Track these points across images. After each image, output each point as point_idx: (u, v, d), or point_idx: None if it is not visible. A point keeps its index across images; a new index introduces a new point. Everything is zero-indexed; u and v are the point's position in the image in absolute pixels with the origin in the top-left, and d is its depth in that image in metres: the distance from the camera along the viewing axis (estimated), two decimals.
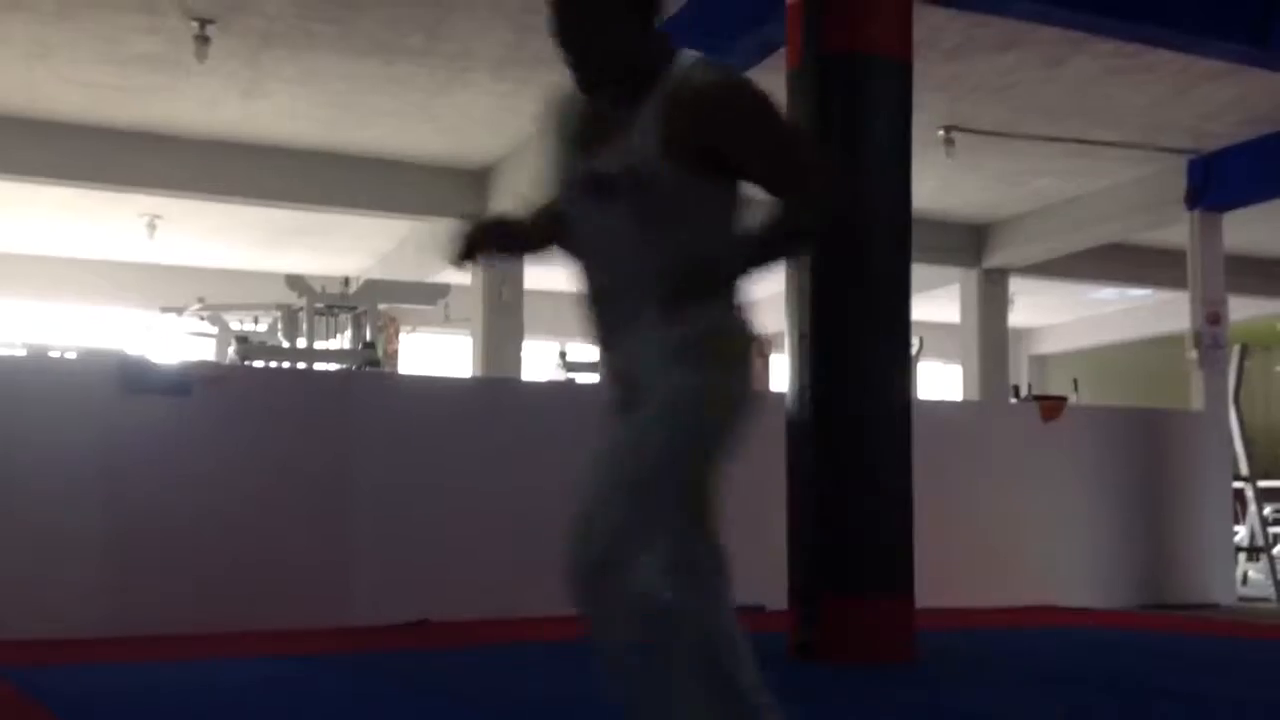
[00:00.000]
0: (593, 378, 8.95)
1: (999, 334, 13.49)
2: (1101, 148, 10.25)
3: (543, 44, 2.50)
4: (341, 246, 13.78)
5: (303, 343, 9.91)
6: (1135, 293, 15.85)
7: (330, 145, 10.56)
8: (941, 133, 9.72)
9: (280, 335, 10.41)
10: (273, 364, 9.24)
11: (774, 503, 5.22)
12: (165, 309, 12.20)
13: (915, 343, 7.16)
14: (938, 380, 16.89)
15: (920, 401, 6.45)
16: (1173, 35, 7.12)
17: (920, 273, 5.56)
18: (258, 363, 9.27)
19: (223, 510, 5.63)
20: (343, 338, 10.46)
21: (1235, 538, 9.09)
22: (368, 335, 10.17)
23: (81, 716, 3.65)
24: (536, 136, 2.40)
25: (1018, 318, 15.67)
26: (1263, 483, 9.64)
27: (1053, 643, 5.88)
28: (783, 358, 5.24)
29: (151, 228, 12.70)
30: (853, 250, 5.05)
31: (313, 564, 5.77)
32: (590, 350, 2.38)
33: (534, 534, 4.04)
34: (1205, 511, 8.19)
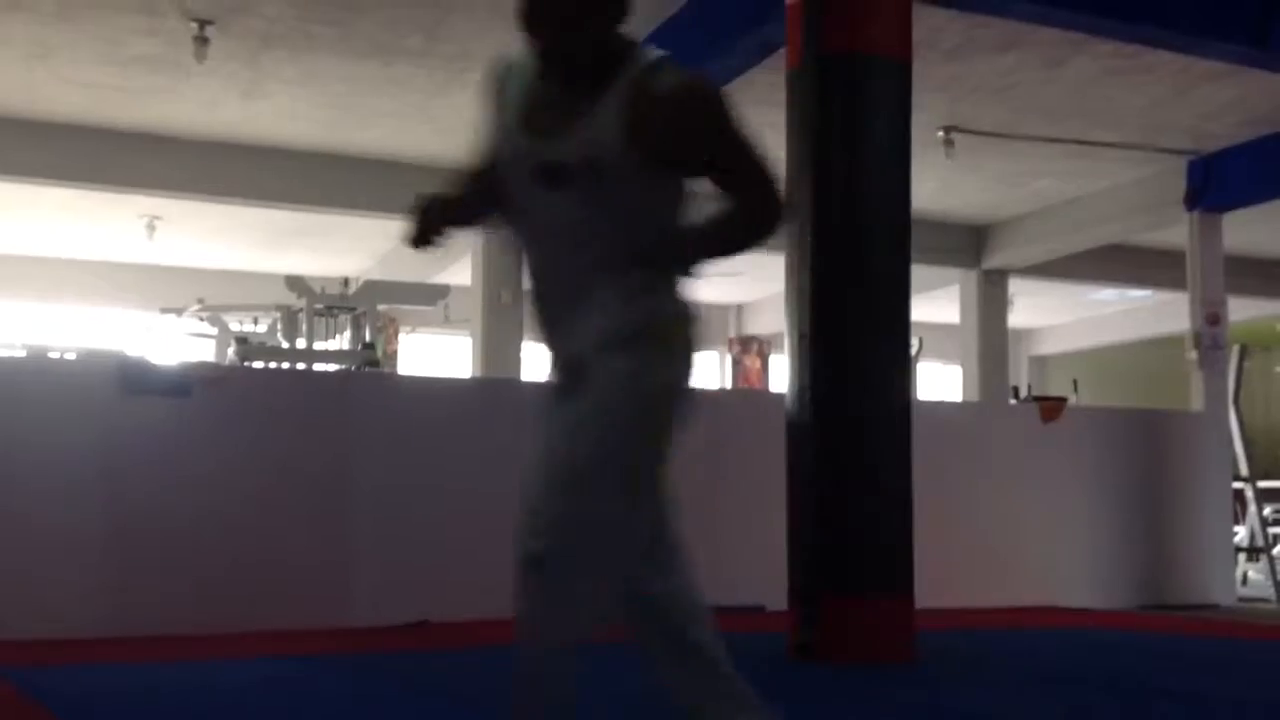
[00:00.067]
0: None
1: (999, 335, 13.49)
2: (1101, 149, 10.25)
3: None
4: (341, 247, 13.78)
5: (302, 343, 9.91)
6: (1135, 294, 15.85)
7: (330, 146, 10.56)
8: (941, 133, 9.72)
9: (280, 336, 10.40)
10: (272, 365, 9.24)
11: (774, 503, 5.22)
12: (165, 310, 12.19)
13: (915, 343, 7.15)
14: (938, 381, 16.88)
15: (920, 402, 6.45)
16: (1172, 36, 7.13)
17: (920, 273, 5.56)
18: (257, 363, 9.27)
19: (223, 510, 5.63)
20: (342, 338, 10.46)
21: (1235, 538, 9.09)
22: (367, 336, 10.17)
23: (81, 716, 3.64)
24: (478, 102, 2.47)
25: (1017, 318, 15.67)
26: (1263, 483, 9.64)
27: (1053, 643, 5.88)
28: (783, 358, 5.24)
29: (151, 229, 12.69)
30: (853, 250, 5.06)
31: (313, 564, 5.77)
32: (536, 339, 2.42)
33: None
34: (1205, 512, 8.19)
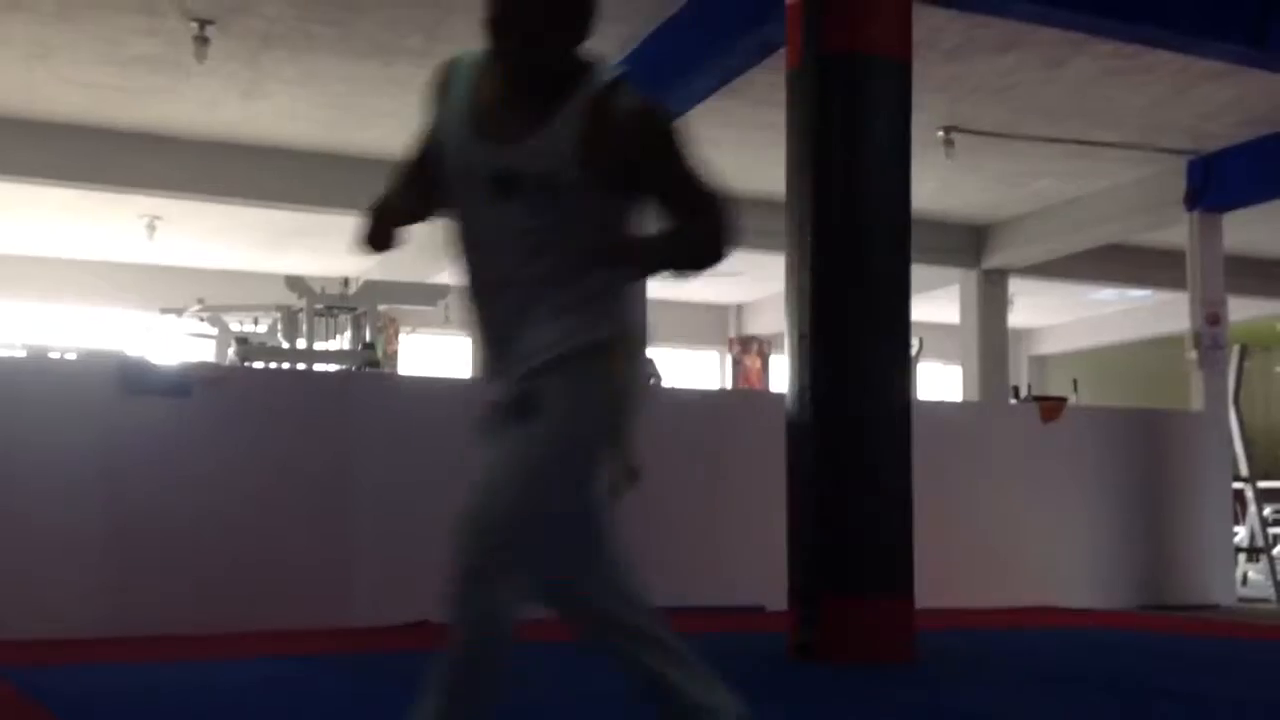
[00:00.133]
0: None
1: (999, 335, 13.49)
2: (1101, 148, 10.25)
3: None
4: (341, 248, 13.75)
5: (302, 344, 9.90)
6: (1135, 293, 15.85)
7: (330, 146, 10.55)
8: (941, 133, 9.72)
9: (280, 336, 10.40)
10: (272, 365, 9.24)
11: (774, 503, 5.23)
12: (165, 310, 12.18)
13: (915, 343, 7.15)
14: (938, 381, 16.88)
15: (920, 402, 6.45)
16: (1172, 36, 7.13)
17: (920, 273, 5.56)
18: (257, 364, 9.27)
19: (223, 510, 5.63)
20: (342, 339, 10.46)
21: (1235, 538, 9.09)
22: (367, 336, 10.17)
23: (81, 716, 3.64)
24: (424, 100, 2.46)
25: (1017, 318, 15.67)
26: (1263, 483, 9.64)
27: (1053, 643, 5.88)
28: (783, 358, 5.24)
29: (151, 229, 12.69)
30: (853, 250, 5.06)
31: (313, 564, 5.77)
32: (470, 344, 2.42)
33: None
34: (1205, 512, 8.19)
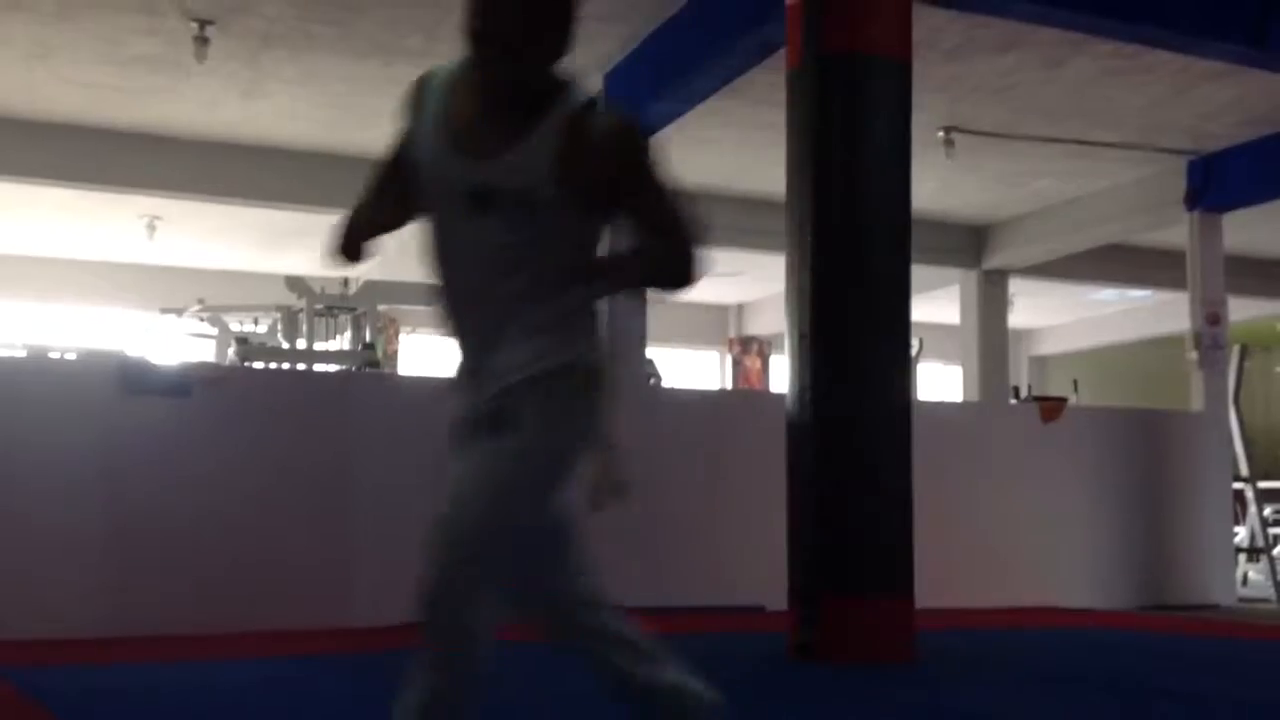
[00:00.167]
0: None
1: (999, 335, 13.48)
2: (1101, 149, 10.25)
3: None
4: None
5: (302, 344, 9.91)
6: (1135, 294, 15.84)
7: (330, 146, 10.54)
8: (941, 133, 9.71)
9: (280, 336, 10.41)
10: (272, 365, 9.24)
11: (774, 503, 5.23)
12: (165, 310, 12.19)
13: (915, 343, 7.16)
14: (938, 381, 16.88)
15: (920, 402, 6.45)
16: (1172, 36, 7.13)
17: (920, 273, 5.56)
18: (257, 364, 9.27)
19: (223, 510, 5.64)
20: (342, 339, 10.46)
21: (1235, 538, 9.09)
22: (367, 336, 10.18)
23: (81, 716, 3.65)
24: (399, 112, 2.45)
25: (1018, 319, 15.67)
26: (1263, 483, 9.65)
27: (1053, 643, 5.88)
28: (783, 358, 5.24)
29: (151, 229, 12.68)
30: (853, 250, 5.06)
31: (313, 564, 5.77)
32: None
33: None
34: (1205, 512, 8.19)
